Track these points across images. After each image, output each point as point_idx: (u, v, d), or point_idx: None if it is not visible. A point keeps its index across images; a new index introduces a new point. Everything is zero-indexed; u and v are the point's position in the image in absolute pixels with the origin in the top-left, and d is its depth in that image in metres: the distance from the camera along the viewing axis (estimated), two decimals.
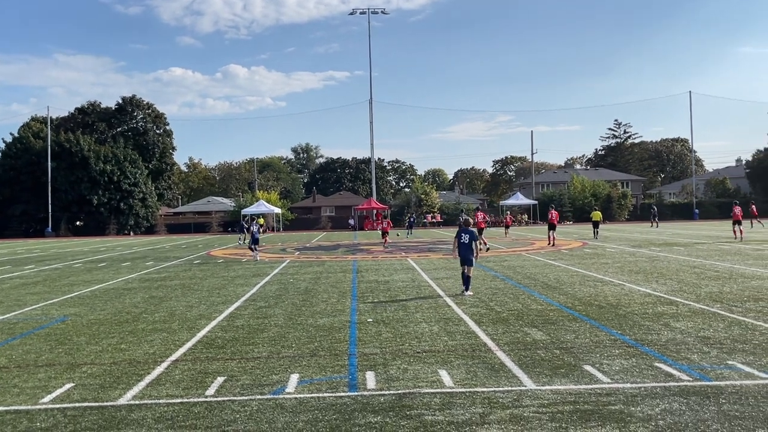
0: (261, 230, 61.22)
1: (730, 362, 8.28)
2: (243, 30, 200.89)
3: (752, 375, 7.67)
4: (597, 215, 40.75)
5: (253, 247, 28.26)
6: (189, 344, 10.26)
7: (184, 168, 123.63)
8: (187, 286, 18.26)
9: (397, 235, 48.90)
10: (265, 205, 70.23)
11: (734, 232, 33.71)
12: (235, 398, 7.26)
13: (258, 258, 27.51)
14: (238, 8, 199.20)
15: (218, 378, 8.11)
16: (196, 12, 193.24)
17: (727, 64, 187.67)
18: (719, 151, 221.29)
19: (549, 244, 32.45)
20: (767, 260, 21.31)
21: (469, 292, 15.03)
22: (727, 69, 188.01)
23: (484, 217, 32.79)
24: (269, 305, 14.21)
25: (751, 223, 37.17)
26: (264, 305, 14.23)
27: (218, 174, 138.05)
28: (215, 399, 7.25)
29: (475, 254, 15.10)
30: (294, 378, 8.02)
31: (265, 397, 7.29)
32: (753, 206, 39.31)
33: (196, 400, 7.25)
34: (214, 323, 12.11)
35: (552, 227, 33.55)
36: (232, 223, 70.54)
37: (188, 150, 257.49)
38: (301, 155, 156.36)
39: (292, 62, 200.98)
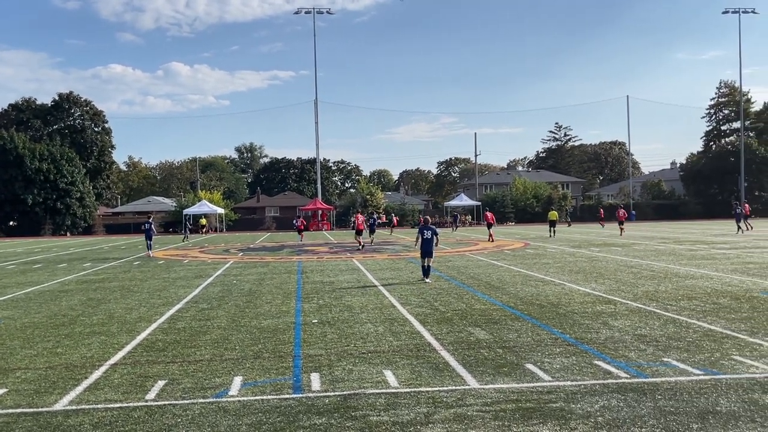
0: (202, 230, 60.37)
1: (665, 359, 8.54)
2: (185, 27, 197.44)
3: (686, 371, 7.93)
4: (554, 215, 42.68)
5: (149, 244, 30.62)
6: (128, 347, 10.03)
7: (123, 167, 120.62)
8: (127, 288, 17.84)
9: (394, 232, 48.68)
10: (207, 205, 69.09)
11: (620, 230, 41.21)
12: (177, 402, 7.12)
13: (151, 255, 29.84)
14: (181, 5, 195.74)
15: (159, 382, 7.95)
16: (137, 8, 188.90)
17: (664, 70, 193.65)
18: (655, 154, 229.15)
19: (490, 239, 37.07)
20: (700, 260, 22.09)
21: (428, 280, 17.49)
22: (664, 74, 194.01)
23: (364, 221, 36.23)
24: (212, 307, 14.00)
25: (622, 229, 41.95)
26: (206, 307, 14.01)
27: (159, 173, 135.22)
28: (156, 403, 7.10)
29: (435, 247, 17.83)
30: (237, 381, 7.92)
31: (207, 400, 7.17)
32: (621, 213, 43.47)
33: (135, 404, 7.09)
34: (154, 326, 11.87)
35: (489, 226, 38.92)
36: (174, 224, 69.25)
37: (128, 149, 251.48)
38: (245, 155, 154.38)
39: (236, 61, 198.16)
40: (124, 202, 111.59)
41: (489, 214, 39.83)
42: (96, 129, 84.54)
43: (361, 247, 32.36)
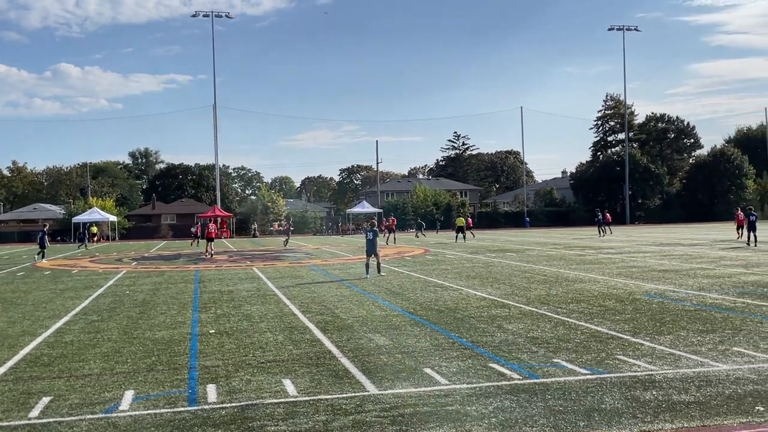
0: (94, 239, 57.80)
1: (555, 360, 8.90)
2: (75, 27, 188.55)
3: (575, 372, 8.29)
4: (461, 221, 45.00)
5: (41, 252, 31.03)
6: (10, 363, 9.47)
7: (6, 172, 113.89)
8: (9, 301, 16.83)
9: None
10: (98, 213, 66.18)
11: (472, 234, 47.48)
12: (63, 419, 6.78)
13: (37, 264, 29.69)
14: (70, 4, 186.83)
15: (44, 398, 7.55)
16: (22, 6, 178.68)
17: (556, 83, 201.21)
18: (548, 163, 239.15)
19: (386, 242, 41.71)
20: (589, 264, 23.17)
21: (383, 274, 20.56)
22: (556, 87, 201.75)
23: (215, 228, 39.62)
24: (102, 319, 13.43)
25: (473, 234, 48.81)
26: (96, 319, 13.43)
27: (46, 179, 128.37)
28: (40, 421, 6.74)
29: (377, 247, 20.54)
30: (129, 395, 7.63)
31: (96, 416, 6.87)
32: (469, 220, 51.62)
33: (17, 423, 6.70)
34: (39, 339, 11.26)
35: (390, 230, 45.18)
36: (62, 232, 65.96)
37: (11, 153, 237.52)
38: (140, 160, 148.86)
39: (130, 63, 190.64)
40: (7, 209, 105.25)
41: (392, 219, 47.17)
42: None
43: (210, 255, 32.97)
